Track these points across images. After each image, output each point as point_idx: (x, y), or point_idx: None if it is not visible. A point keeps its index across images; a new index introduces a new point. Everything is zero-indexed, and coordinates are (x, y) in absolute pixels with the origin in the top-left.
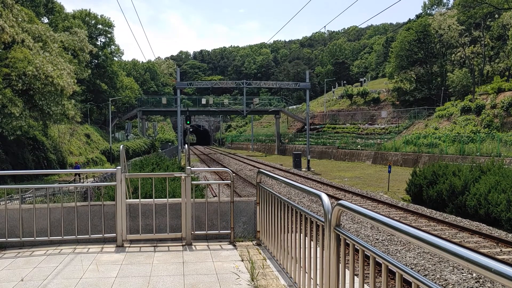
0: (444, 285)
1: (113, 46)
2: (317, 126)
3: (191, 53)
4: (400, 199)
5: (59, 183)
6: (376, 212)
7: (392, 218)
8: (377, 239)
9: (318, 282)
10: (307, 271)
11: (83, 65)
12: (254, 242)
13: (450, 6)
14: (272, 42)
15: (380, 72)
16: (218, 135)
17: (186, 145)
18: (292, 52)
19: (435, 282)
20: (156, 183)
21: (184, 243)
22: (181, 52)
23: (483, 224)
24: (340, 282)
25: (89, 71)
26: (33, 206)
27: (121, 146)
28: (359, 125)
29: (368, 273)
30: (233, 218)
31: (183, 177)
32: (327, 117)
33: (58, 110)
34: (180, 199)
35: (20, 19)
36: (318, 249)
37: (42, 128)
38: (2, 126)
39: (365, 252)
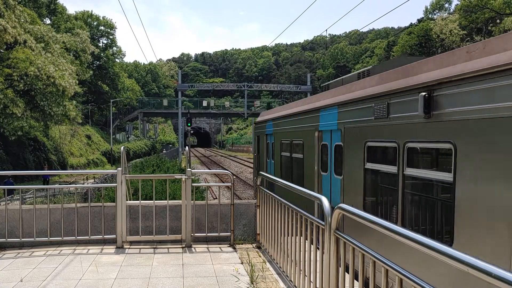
0: None
1: (115, 48)
2: None
3: (193, 55)
4: None
5: (59, 184)
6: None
7: None
8: None
9: (317, 286)
10: (306, 274)
11: (84, 66)
12: (254, 245)
13: (451, 10)
14: (273, 45)
15: None
16: (219, 137)
17: (186, 147)
18: (294, 55)
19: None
20: (157, 185)
21: (184, 245)
22: (182, 54)
23: None
24: (339, 285)
25: (91, 72)
26: (33, 206)
27: (122, 148)
28: None
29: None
30: (233, 220)
31: (183, 179)
32: None
33: (59, 111)
34: (180, 201)
35: (22, 20)
36: (318, 252)
37: (43, 128)
38: (3, 126)
39: (365, 256)
